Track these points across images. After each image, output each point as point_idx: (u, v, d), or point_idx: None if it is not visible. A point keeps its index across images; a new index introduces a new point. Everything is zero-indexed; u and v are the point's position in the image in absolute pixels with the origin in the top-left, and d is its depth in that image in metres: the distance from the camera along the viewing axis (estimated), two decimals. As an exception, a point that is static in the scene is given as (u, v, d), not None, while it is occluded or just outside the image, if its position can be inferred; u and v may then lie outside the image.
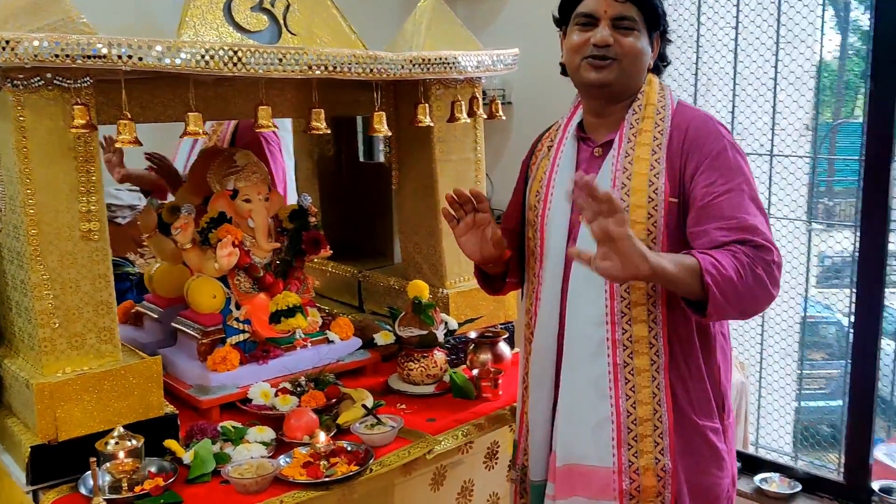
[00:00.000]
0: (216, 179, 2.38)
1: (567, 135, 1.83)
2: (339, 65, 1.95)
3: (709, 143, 1.66)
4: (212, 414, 2.19)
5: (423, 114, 2.22)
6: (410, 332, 2.34)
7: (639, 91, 1.75)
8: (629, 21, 1.69)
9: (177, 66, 1.73)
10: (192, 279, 2.33)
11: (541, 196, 1.83)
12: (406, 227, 2.62)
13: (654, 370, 1.67)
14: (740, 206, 1.61)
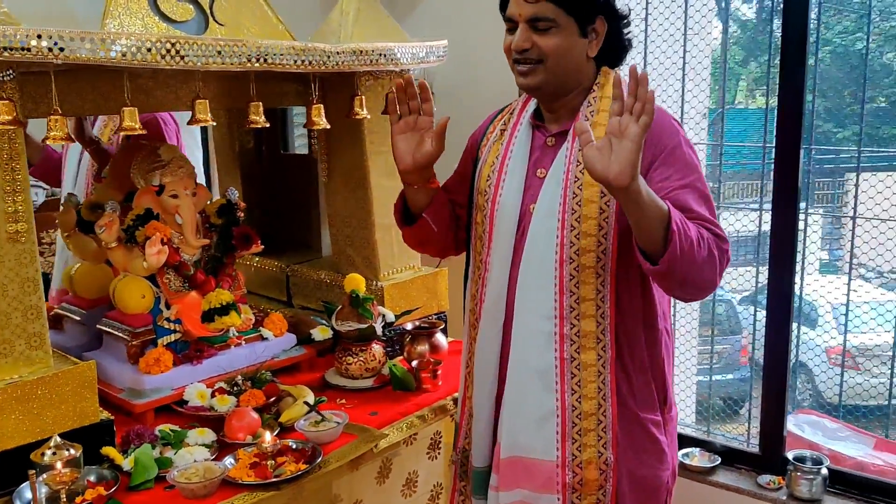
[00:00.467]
0: (140, 175, 2.29)
1: (522, 121, 1.82)
2: (277, 57, 1.91)
3: (664, 138, 1.66)
4: (146, 418, 2.12)
5: (359, 106, 2.21)
6: (349, 327, 2.32)
7: (592, 83, 1.74)
8: (545, 21, 1.64)
9: (111, 59, 1.66)
10: (119, 279, 2.24)
11: (492, 181, 1.82)
12: (337, 220, 2.59)
13: (601, 365, 1.69)
14: (695, 202, 1.63)
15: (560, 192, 1.69)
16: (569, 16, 1.65)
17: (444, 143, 1.79)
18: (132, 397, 2.13)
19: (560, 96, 1.74)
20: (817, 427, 3.09)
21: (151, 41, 1.70)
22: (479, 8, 2.94)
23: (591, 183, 1.65)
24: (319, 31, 2.44)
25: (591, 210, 1.66)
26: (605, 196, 1.65)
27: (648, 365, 1.75)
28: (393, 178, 2.48)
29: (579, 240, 1.66)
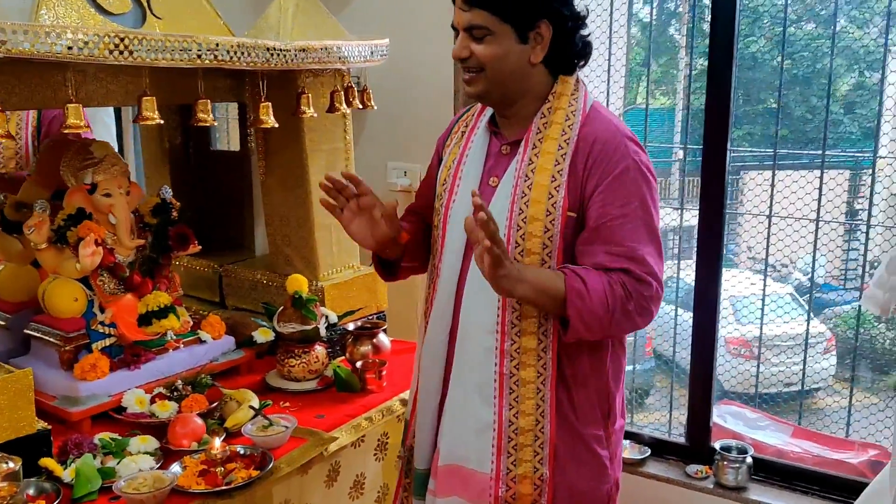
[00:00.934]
0: (71, 172, 2.19)
1: (479, 126, 1.80)
2: (226, 54, 1.86)
3: (612, 162, 1.62)
4: (83, 426, 2.04)
5: (305, 104, 2.17)
6: (292, 328, 2.29)
7: (547, 91, 1.69)
8: (479, 29, 1.61)
9: (56, 53, 1.58)
10: (49, 282, 2.14)
11: (447, 186, 1.80)
12: (274, 219, 2.55)
13: (540, 382, 1.67)
14: (632, 234, 1.61)
15: (507, 206, 1.66)
16: (504, 23, 1.61)
17: (398, 223, 1.80)
18: (67, 405, 2.04)
19: (509, 104, 1.71)
20: (738, 417, 3.23)
21: (99, 35, 1.63)
22: (410, 6, 2.94)
23: (537, 200, 1.63)
24: (256, 27, 2.39)
25: (535, 228, 1.63)
26: (550, 215, 1.62)
27: (592, 380, 1.72)
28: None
29: (523, 256, 1.64)
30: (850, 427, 5.10)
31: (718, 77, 2.57)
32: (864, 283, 8.43)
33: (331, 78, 2.40)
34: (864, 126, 9.72)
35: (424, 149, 2.99)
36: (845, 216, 8.43)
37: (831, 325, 8.10)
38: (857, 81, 9.80)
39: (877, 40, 9.07)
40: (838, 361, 7.66)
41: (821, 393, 7.80)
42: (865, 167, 9.14)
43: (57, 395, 2.08)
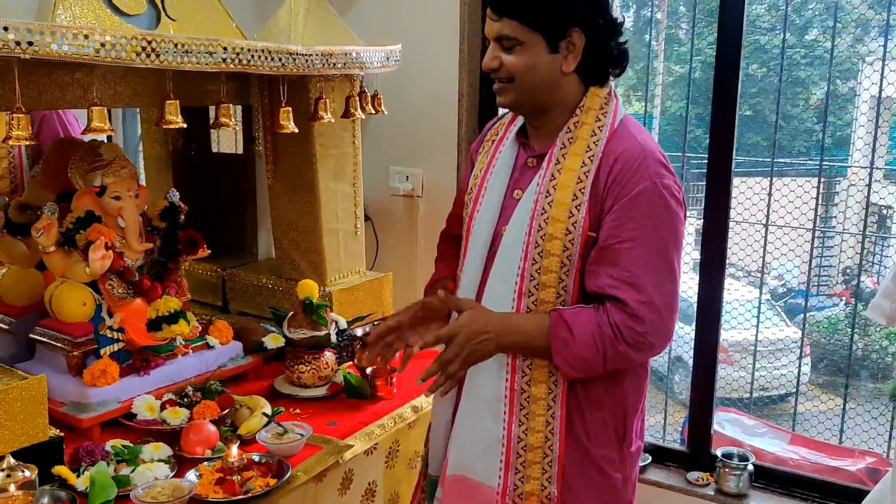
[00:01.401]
0: (79, 175, 2.15)
1: (508, 136, 1.77)
2: (251, 58, 1.84)
3: (631, 182, 1.56)
4: (93, 433, 2.00)
5: (323, 110, 2.15)
6: (302, 334, 2.27)
7: (577, 105, 1.65)
8: (508, 40, 1.59)
9: (84, 55, 1.56)
10: (57, 286, 2.10)
11: (472, 196, 1.78)
12: (282, 223, 2.52)
13: (551, 399, 1.65)
14: (639, 259, 1.55)
15: (527, 221, 1.63)
16: (534, 32, 1.57)
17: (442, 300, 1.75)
18: (77, 411, 2.00)
19: (540, 115, 1.68)
20: (736, 424, 3.26)
21: (127, 38, 1.61)
22: (414, 10, 2.93)
23: (557, 218, 1.59)
24: (266, 30, 2.37)
25: (554, 246, 1.60)
26: (570, 234, 1.59)
27: (607, 401, 1.68)
28: (340, 182, 2.47)
29: (540, 274, 1.62)
30: (830, 432, 5.19)
31: (724, 87, 2.59)
32: (842, 290, 8.56)
33: (341, 83, 2.38)
34: (836, 135, 9.87)
35: (427, 154, 3.01)
36: (813, 223, 8.57)
37: (806, 331, 8.24)
38: (829, 90, 9.95)
39: (848, 50, 9.20)
40: (812, 367, 7.79)
41: (794, 397, 7.92)
42: (839, 175, 9.26)
43: (66, 402, 2.04)
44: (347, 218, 2.51)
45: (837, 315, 8.35)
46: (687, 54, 7.77)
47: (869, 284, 8.84)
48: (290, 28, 2.31)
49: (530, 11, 1.56)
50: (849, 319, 8.05)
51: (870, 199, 6.09)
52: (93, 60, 1.57)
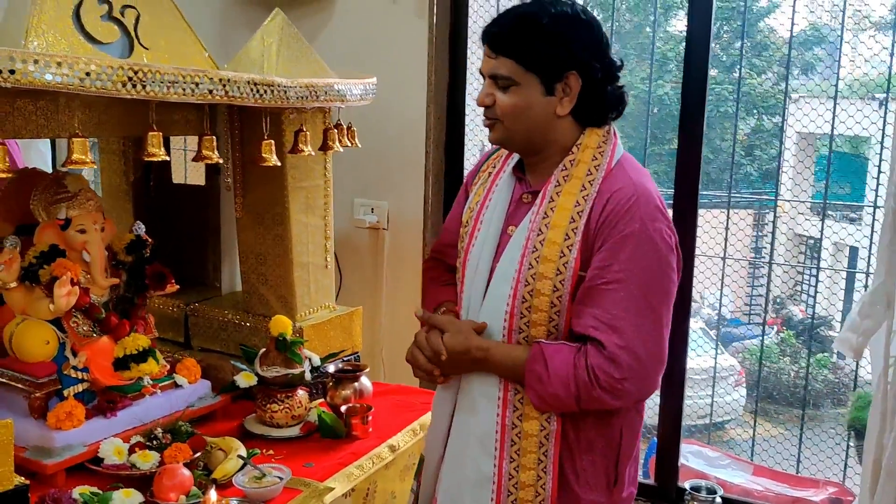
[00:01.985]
0: (42, 207, 2.06)
1: (505, 170, 1.75)
2: (237, 90, 1.79)
3: (621, 223, 1.54)
4: (57, 480, 1.90)
5: (303, 142, 2.10)
6: (276, 372, 2.20)
7: (573, 143, 1.63)
8: (503, 79, 1.58)
9: (69, 84, 1.49)
10: (17, 323, 1.99)
11: (468, 229, 1.75)
12: (249, 257, 2.45)
13: (543, 436, 1.61)
14: (622, 302, 1.52)
15: (518, 259, 1.62)
16: (530, 73, 1.57)
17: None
18: (41, 456, 1.89)
19: (532, 153, 1.68)
20: (700, 456, 3.29)
21: (113, 67, 1.54)
22: (382, 42, 2.91)
23: (548, 258, 1.57)
24: (237, 60, 2.31)
25: (544, 286, 1.57)
26: (561, 274, 1.56)
27: (598, 445, 1.65)
28: (311, 214, 2.42)
29: (530, 312, 1.60)
30: (758, 456, 5.31)
31: (690, 125, 2.63)
32: (769, 318, 8.79)
33: (313, 115, 2.34)
34: (763, 168, 10.21)
35: (392, 186, 2.98)
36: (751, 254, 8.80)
37: (740, 359, 8.44)
38: (756, 125, 10.30)
39: (773, 87, 9.54)
40: (747, 394, 7.97)
41: (731, 424, 8.09)
42: (768, 206, 9.55)
43: (27, 446, 1.92)
44: (318, 251, 2.46)
45: (768, 343, 8.59)
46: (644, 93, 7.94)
47: (797, 313, 9.13)
48: (262, 59, 2.26)
49: (527, 52, 1.55)
50: (780, 347, 8.30)
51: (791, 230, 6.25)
52: (77, 90, 1.51)
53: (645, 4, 8.88)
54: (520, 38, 1.56)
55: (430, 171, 2.90)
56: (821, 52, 9.01)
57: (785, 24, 8.24)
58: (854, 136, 7.17)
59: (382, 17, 2.90)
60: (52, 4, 1.81)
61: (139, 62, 1.65)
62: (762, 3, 9.44)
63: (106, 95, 1.56)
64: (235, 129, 2.33)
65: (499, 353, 1.63)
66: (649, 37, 7.66)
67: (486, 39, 1.61)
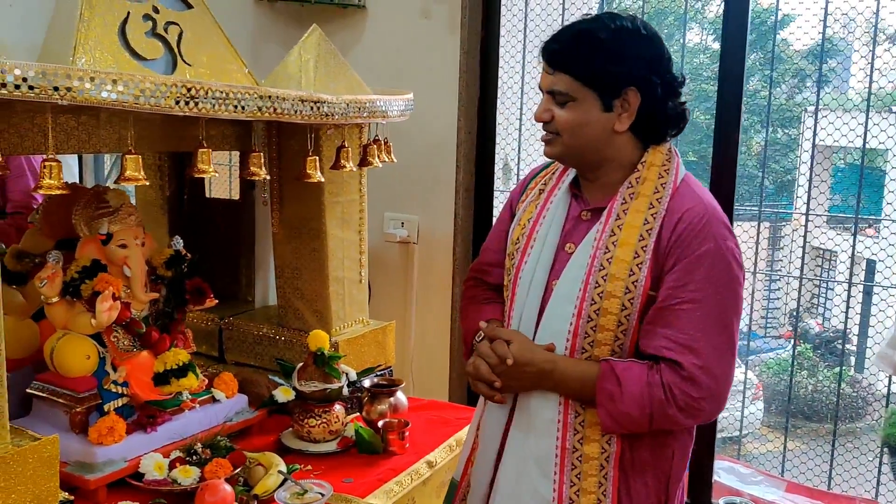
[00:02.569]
0: (84, 222, 2.06)
1: (560, 187, 1.73)
2: (286, 107, 1.79)
3: (695, 242, 1.52)
4: (99, 495, 1.89)
5: (345, 158, 2.11)
6: (314, 387, 2.20)
7: (636, 160, 1.62)
8: (560, 95, 1.58)
9: (123, 102, 1.50)
10: (58, 338, 2.00)
11: (520, 246, 1.72)
12: (285, 271, 2.46)
13: (604, 459, 1.59)
14: (699, 322, 1.51)
15: (582, 277, 1.59)
16: (588, 89, 1.56)
17: None
18: (83, 471, 1.89)
19: (590, 169, 1.66)
20: (732, 472, 3.26)
21: (167, 84, 1.55)
22: (415, 57, 2.92)
23: (616, 276, 1.55)
24: (274, 76, 2.32)
25: (612, 305, 1.55)
26: (630, 293, 1.54)
27: (650, 466, 1.62)
28: (347, 230, 2.42)
29: (595, 332, 1.58)
30: (777, 470, 5.26)
31: (725, 139, 2.63)
32: (787, 331, 8.74)
33: (349, 131, 2.35)
34: (778, 181, 10.17)
35: (423, 200, 2.99)
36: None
37: (756, 372, 8.39)
38: (770, 137, 10.27)
39: (786, 99, 9.52)
40: (765, 407, 7.92)
41: (747, 438, 8.04)
42: (784, 220, 9.51)
43: (69, 461, 1.93)
44: (352, 266, 2.46)
45: (786, 357, 8.55)
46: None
47: (814, 326, 9.08)
48: (300, 74, 2.26)
49: (586, 68, 1.55)
50: (797, 361, 8.26)
51: (808, 243, 6.22)
52: (131, 107, 1.51)
53: (660, 17, 8.90)
54: (578, 53, 1.56)
55: (460, 185, 2.90)
56: (835, 65, 9.01)
57: (801, 37, 8.24)
58: (870, 148, 7.15)
59: (414, 31, 2.91)
60: (98, 21, 1.82)
61: (191, 80, 1.65)
62: (779, 17, 9.45)
63: (159, 113, 1.56)
64: (273, 145, 2.33)
65: (566, 367, 1.59)
66: (664, 49, 7.67)
67: (545, 55, 1.60)
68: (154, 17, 1.92)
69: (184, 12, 1.99)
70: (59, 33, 1.90)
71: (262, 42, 3.00)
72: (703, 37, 9.32)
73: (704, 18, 8.77)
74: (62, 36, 1.86)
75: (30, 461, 1.65)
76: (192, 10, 2.01)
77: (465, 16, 2.83)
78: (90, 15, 1.78)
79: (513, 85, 3.26)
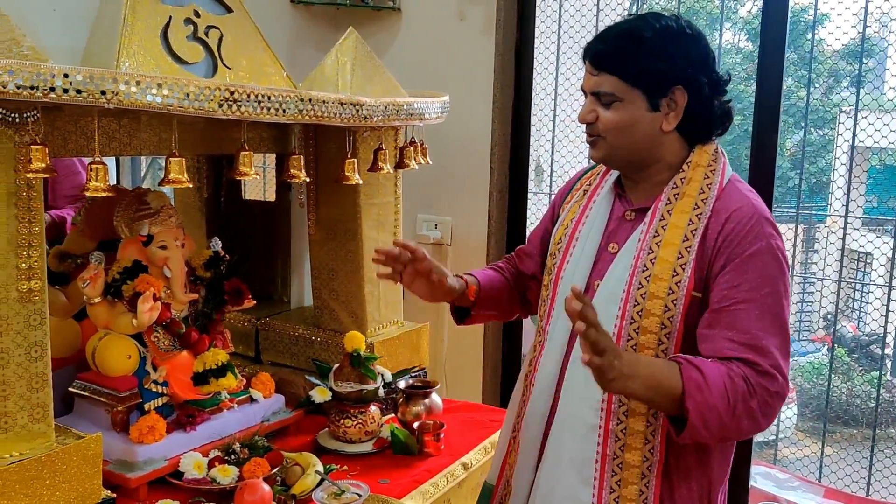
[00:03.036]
0: (125, 223, 2.09)
1: (603, 187, 1.72)
2: (326, 109, 1.81)
3: (745, 242, 1.50)
4: (139, 493, 1.92)
5: (383, 160, 2.12)
6: (350, 388, 2.21)
7: (681, 160, 1.60)
8: (606, 95, 1.56)
9: (168, 105, 1.52)
10: (100, 338, 2.03)
11: (562, 246, 1.71)
12: (321, 273, 2.48)
13: (646, 468, 1.55)
14: (758, 321, 1.47)
15: (626, 278, 1.57)
16: (634, 88, 1.54)
17: (460, 281, 1.80)
18: (124, 470, 1.92)
19: (635, 170, 1.64)
20: (769, 478, 3.24)
21: (210, 88, 1.57)
22: (448, 59, 2.93)
23: (659, 276, 1.53)
24: (311, 79, 2.34)
25: (655, 306, 1.52)
26: (673, 294, 1.51)
27: (695, 473, 1.59)
28: (382, 231, 2.43)
29: (638, 334, 1.54)
30: (814, 475, 5.19)
31: (764, 138, 2.60)
32: (821, 335, 8.62)
33: (383, 133, 2.36)
34: (811, 182, 10.03)
35: (456, 202, 2.99)
36: (800, 269, 8.65)
37: (790, 377, 8.30)
38: (802, 138, 10.15)
39: (821, 99, 9.39)
40: (799, 412, 7.82)
41: (782, 442, 7.94)
42: (818, 222, 9.39)
43: (110, 459, 1.96)
44: (387, 268, 2.47)
45: (820, 360, 8.43)
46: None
47: (849, 330, 8.94)
48: (337, 77, 2.28)
49: (631, 68, 1.53)
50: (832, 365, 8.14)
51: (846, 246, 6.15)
52: (176, 111, 1.54)
53: (692, 17, 8.84)
54: (623, 54, 1.54)
55: (493, 187, 2.90)
56: (873, 65, 8.88)
57: (840, 37, 8.11)
58: (906, 149, 7.04)
59: (449, 33, 2.92)
60: (141, 26, 1.85)
61: (234, 83, 1.67)
62: (810, 15, 9.34)
63: (202, 116, 1.58)
64: (310, 147, 2.35)
65: (649, 360, 1.51)
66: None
67: (589, 56, 1.59)
68: (195, 21, 1.95)
69: (224, 16, 2.02)
70: (102, 37, 1.93)
71: (298, 45, 3.02)
72: (736, 37, 9.24)
73: (739, 18, 8.69)
74: (105, 40, 1.90)
75: (74, 459, 1.68)
76: (231, 14, 2.04)
77: (501, 18, 2.83)
78: (133, 19, 1.81)
79: (546, 87, 3.26)
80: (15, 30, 1.54)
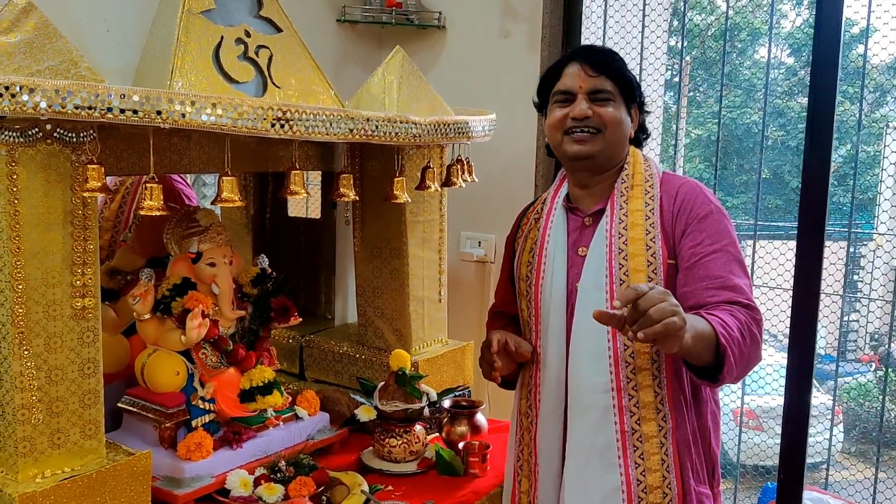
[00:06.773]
0: (175, 240, 2.12)
1: (555, 206, 1.88)
2: (376, 128, 1.81)
3: (696, 206, 1.73)
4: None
5: (431, 179, 2.12)
6: (395, 406, 2.20)
7: (623, 161, 1.83)
8: (605, 94, 1.78)
9: (222, 125, 1.53)
10: (149, 354, 2.05)
11: (533, 266, 1.86)
12: (366, 290, 2.48)
13: (662, 436, 1.70)
14: (725, 266, 1.68)
15: (605, 266, 1.73)
16: (620, 94, 1.80)
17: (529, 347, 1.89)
18: (172, 486, 1.93)
19: (604, 170, 1.83)
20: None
21: (263, 108, 1.58)
22: (491, 76, 2.93)
23: (636, 253, 1.71)
24: (358, 97, 2.34)
25: (639, 280, 1.68)
26: (652, 265, 1.70)
27: (698, 436, 1.75)
28: (427, 249, 2.43)
29: None
30: (865, 501, 5.02)
31: (817, 151, 2.53)
32: (866, 355, 8.48)
33: (429, 151, 2.36)
34: (857, 198, 9.85)
35: (500, 219, 2.96)
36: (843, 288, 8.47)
37: (836, 398, 8.10)
38: (848, 153, 9.98)
39: (869, 115, 9.28)
40: (845, 434, 7.64)
41: (835, 468, 7.74)
42: (864, 240, 9.24)
43: (158, 476, 1.96)
44: (432, 285, 2.47)
45: (865, 381, 8.25)
46: (702, 116, 7.90)
47: (895, 349, 8.73)
48: (383, 95, 2.28)
49: (622, 75, 1.80)
50: (879, 385, 7.95)
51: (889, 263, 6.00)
52: (229, 130, 1.55)
53: (733, 32, 8.75)
54: (617, 63, 1.82)
55: (538, 204, 2.88)
56: (917, 79, 8.71)
57: (883, 50, 7.98)
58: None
59: (493, 51, 2.92)
60: (194, 46, 1.87)
61: (286, 103, 1.68)
62: (854, 31, 9.21)
63: (255, 136, 1.59)
64: (356, 165, 2.36)
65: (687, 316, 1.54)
66: (733, 63, 7.64)
67: (587, 60, 1.79)
68: (246, 41, 1.97)
69: (274, 36, 2.04)
70: (155, 57, 1.96)
71: (343, 63, 3.04)
72: (778, 51, 9.14)
73: (778, 32, 8.60)
74: (157, 60, 1.92)
75: (124, 476, 1.69)
76: (281, 34, 2.05)
77: (545, 35, 2.82)
78: (187, 40, 1.83)
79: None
80: (73, 51, 1.57)
